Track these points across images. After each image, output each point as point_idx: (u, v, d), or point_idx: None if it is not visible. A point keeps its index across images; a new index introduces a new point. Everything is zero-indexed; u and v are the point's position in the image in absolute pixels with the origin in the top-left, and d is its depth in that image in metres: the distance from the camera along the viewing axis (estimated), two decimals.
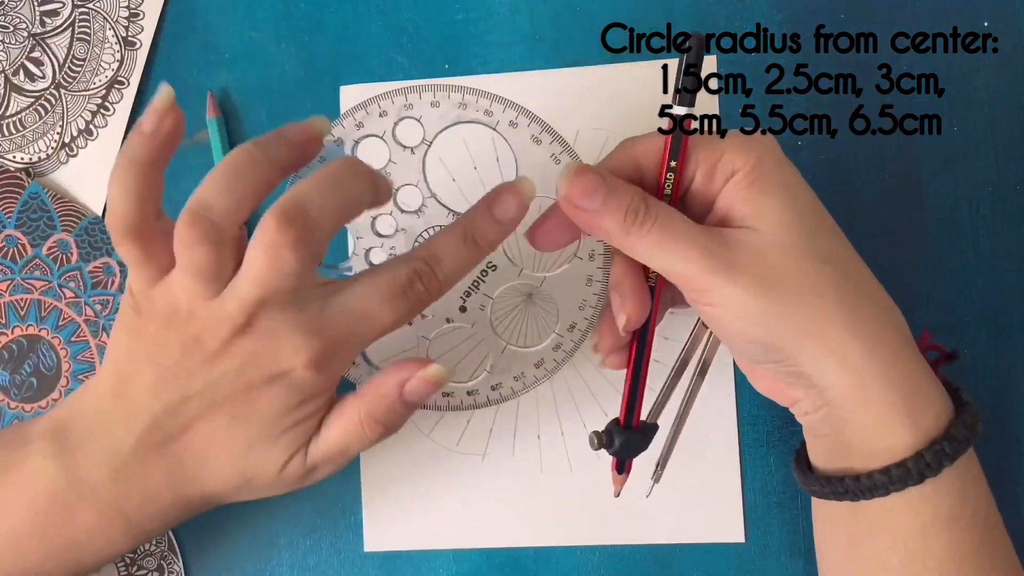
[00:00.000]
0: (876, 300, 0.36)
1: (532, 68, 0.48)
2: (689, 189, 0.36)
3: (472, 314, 0.40)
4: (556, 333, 0.39)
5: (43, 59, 0.51)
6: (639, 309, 0.37)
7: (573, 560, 0.47)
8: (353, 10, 0.50)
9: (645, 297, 0.37)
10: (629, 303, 0.37)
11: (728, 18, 0.48)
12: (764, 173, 0.35)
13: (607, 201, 0.35)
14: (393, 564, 0.48)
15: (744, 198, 0.35)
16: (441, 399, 0.40)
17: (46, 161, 0.51)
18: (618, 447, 0.39)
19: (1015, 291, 0.46)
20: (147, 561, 0.49)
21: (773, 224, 0.34)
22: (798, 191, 0.35)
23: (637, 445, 0.39)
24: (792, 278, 0.34)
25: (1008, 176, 0.46)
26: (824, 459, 0.37)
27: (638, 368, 0.38)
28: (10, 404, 0.50)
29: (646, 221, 0.34)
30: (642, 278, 0.37)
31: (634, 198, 0.35)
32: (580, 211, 0.35)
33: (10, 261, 0.50)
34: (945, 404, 0.35)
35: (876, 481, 0.34)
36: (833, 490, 0.36)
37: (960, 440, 0.34)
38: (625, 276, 0.37)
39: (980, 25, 0.47)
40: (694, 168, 0.36)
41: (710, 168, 0.36)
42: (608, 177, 0.35)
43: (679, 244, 0.34)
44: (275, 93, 0.50)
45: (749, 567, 0.46)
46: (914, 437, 0.34)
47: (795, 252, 0.34)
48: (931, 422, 0.34)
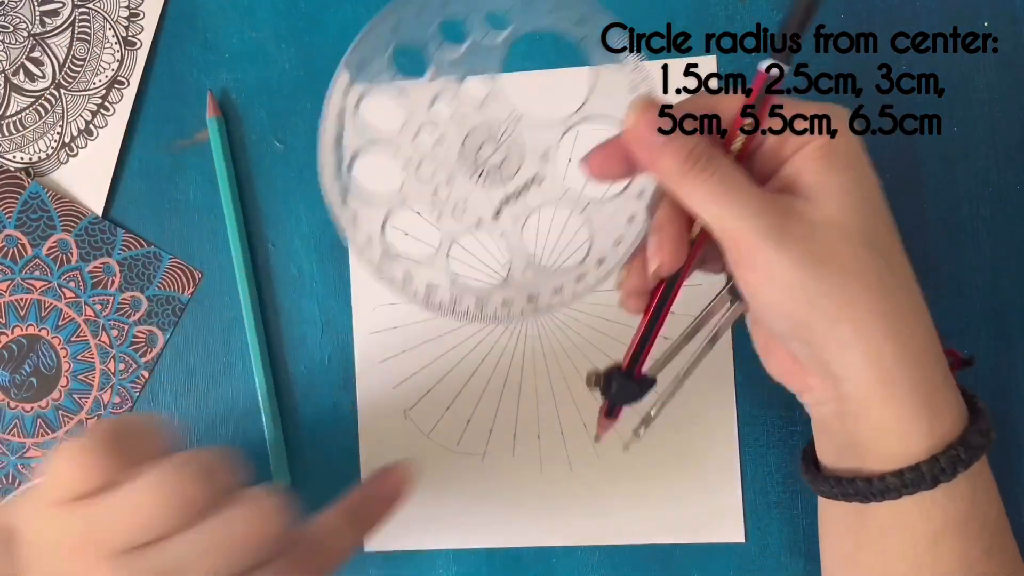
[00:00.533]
0: (914, 299, 0.35)
1: (532, 68, 0.48)
2: (759, 149, 0.35)
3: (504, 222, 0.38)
4: (584, 263, 0.38)
5: (43, 59, 0.51)
6: (674, 257, 0.36)
7: (573, 560, 0.47)
8: (353, 10, 0.50)
9: (682, 248, 0.36)
10: (666, 249, 0.35)
11: (728, 18, 0.48)
12: (836, 149, 0.34)
13: (672, 138, 0.33)
14: (393, 564, 0.48)
15: (813, 170, 0.34)
16: (448, 301, 0.39)
17: (46, 161, 0.51)
18: (614, 391, 0.38)
19: (1015, 291, 0.46)
20: None
21: (835, 203, 0.33)
22: (866, 175, 0.35)
23: (632, 394, 0.38)
24: (841, 259, 0.33)
25: (1008, 176, 0.46)
26: (833, 457, 0.37)
27: (655, 317, 0.37)
28: (10, 404, 0.50)
29: (706, 168, 0.33)
30: (685, 227, 0.36)
31: (700, 143, 0.33)
32: (643, 144, 0.34)
33: (10, 261, 0.50)
34: (962, 410, 0.35)
35: (888, 484, 0.34)
36: (843, 491, 0.35)
37: (976, 447, 0.34)
38: (668, 222, 0.36)
39: (980, 25, 0.47)
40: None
41: (784, 133, 0.35)
42: (679, 116, 0.34)
43: (736, 200, 0.33)
44: (275, 93, 0.50)
45: (749, 567, 0.46)
46: (931, 441, 0.34)
47: (850, 235, 0.33)
48: (948, 427, 0.34)
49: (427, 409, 0.48)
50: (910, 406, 0.33)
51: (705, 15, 0.48)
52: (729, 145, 0.35)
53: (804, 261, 0.33)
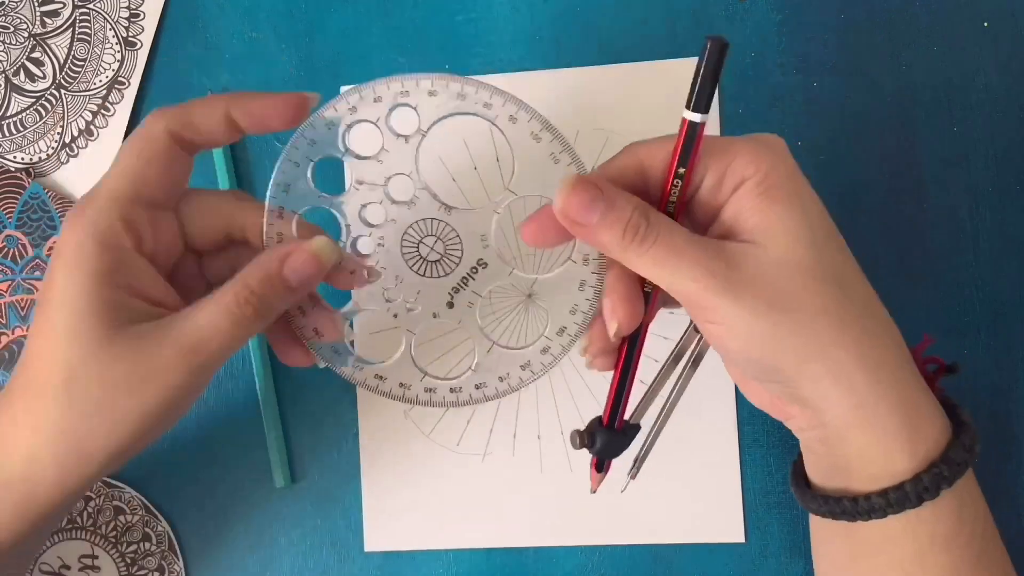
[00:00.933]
0: (877, 319, 0.35)
1: (532, 68, 0.48)
2: (695, 195, 0.35)
3: (459, 311, 0.39)
4: (545, 336, 0.39)
5: (43, 59, 0.51)
6: (631, 317, 0.36)
7: (573, 560, 0.47)
8: (353, 10, 0.50)
9: (638, 305, 0.36)
10: (621, 310, 0.36)
11: (728, 18, 0.48)
12: (775, 183, 0.33)
13: (605, 215, 0.33)
14: (393, 564, 0.48)
15: (753, 208, 0.33)
16: (423, 394, 0.40)
17: (46, 161, 0.51)
18: (599, 447, 0.38)
19: (1015, 292, 0.46)
20: (147, 561, 0.49)
21: (782, 241, 0.33)
22: (808, 203, 0.34)
23: (618, 446, 0.39)
24: (797, 299, 0.33)
25: (1008, 176, 0.46)
26: (821, 476, 0.37)
27: (626, 371, 0.37)
28: None
29: (647, 237, 0.33)
30: (636, 285, 0.36)
31: (634, 213, 0.33)
32: (577, 224, 0.34)
33: (11, 261, 0.50)
34: (944, 425, 0.35)
35: (874, 504, 0.34)
36: (830, 509, 0.35)
37: (959, 463, 0.34)
38: (619, 282, 0.36)
39: (980, 25, 0.47)
40: (702, 174, 0.34)
41: (719, 175, 0.34)
42: (608, 188, 0.34)
43: (681, 262, 0.33)
44: None
45: (749, 567, 0.46)
46: (913, 461, 0.34)
47: (802, 271, 0.33)
48: (930, 444, 0.34)
49: (427, 409, 0.48)
50: (889, 429, 0.34)
51: (705, 15, 0.48)
52: (665, 201, 0.35)
53: (760, 309, 0.33)
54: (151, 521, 0.49)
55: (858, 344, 0.33)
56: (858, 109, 0.47)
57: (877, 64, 0.47)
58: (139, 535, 0.49)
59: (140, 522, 0.49)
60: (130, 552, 0.49)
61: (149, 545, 0.49)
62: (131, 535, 0.49)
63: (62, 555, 0.49)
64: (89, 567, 0.49)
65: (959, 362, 0.38)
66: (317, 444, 0.49)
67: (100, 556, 0.49)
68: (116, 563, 0.49)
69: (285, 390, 0.49)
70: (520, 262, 0.39)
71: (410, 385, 0.39)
